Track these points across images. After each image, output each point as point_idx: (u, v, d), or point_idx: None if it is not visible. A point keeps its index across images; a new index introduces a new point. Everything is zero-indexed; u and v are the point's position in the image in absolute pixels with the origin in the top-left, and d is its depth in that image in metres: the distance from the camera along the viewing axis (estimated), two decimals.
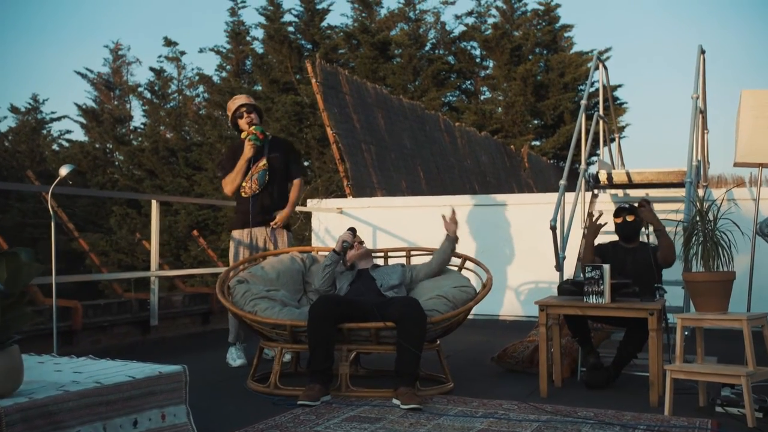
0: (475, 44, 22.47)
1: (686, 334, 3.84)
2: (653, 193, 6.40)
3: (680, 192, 5.66)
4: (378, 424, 3.30)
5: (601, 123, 6.57)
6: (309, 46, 20.31)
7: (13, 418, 2.25)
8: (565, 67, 21.64)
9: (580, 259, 4.98)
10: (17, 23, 37.24)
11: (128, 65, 25.16)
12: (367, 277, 4.27)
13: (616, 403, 3.74)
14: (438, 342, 4.20)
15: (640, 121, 31.85)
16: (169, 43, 22.25)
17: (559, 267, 4.93)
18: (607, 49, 22.41)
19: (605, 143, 6.96)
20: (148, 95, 22.15)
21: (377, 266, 4.45)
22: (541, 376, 3.99)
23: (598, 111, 6.54)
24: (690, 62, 5.74)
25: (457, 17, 25.74)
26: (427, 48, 21.82)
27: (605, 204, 6.32)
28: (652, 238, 4.66)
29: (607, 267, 3.91)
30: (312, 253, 4.86)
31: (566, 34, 23.53)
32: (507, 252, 7.71)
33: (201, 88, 22.33)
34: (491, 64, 22.30)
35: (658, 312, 3.84)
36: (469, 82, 22.89)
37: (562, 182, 5.16)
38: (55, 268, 3.98)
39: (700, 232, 3.74)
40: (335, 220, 8.45)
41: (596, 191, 6.33)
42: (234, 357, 4.92)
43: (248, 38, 21.67)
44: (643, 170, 6.20)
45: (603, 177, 6.18)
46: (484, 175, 14.55)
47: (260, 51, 20.64)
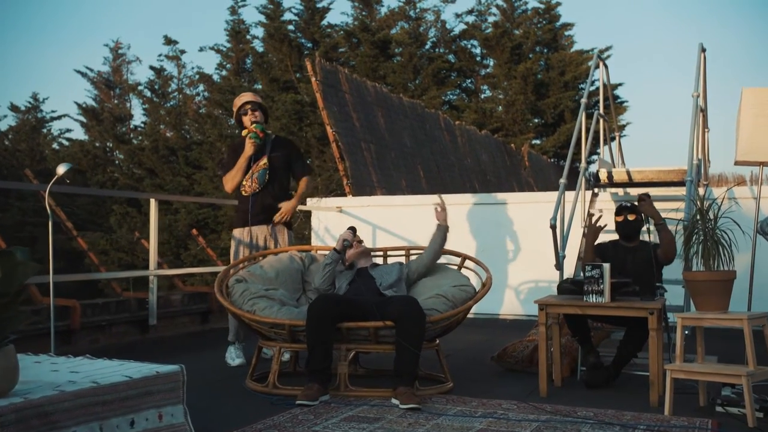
0: (475, 43, 22.45)
1: (686, 333, 3.83)
2: (653, 191, 6.34)
3: (681, 191, 5.64)
4: (377, 424, 3.28)
5: (601, 122, 6.55)
6: (309, 45, 20.29)
7: (8, 419, 2.23)
8: (565, 66, 21.61)
9: (580, 258, 4.96)
10: (17, 22, 37.25)
11: (128, 64, 25.15)
12: (366, 275, 4.26)
13: (616, 402, 3.73)
14: (437, 341, 4.18)
15: (640, 120, 31.89)
16: (169, 41, 22.25)
17: (559, 266, 4.92)
18: (607, 48, 22.37)
19: (605, 142, 6.94)
20: (148, 94, 22.16)
21: (376, 265, 4.43)
22: (541, 375, 3.97)
23: (598, 109, 6.52)
24: (690, 61, 5.73)
25: (457, 16, 25.75)
26: (427, 46, 21.80)
27: (605, 203, 6.31)
28: (653, 235, 4.64)
29: (607, 266, 3.89)
30: (311, 252, 4.84)
31: (567, 33, 23.51)
32: (507, 251, 7.69)
33: (201, 87, 22.36)
34: (491, 63, 22.28)
35: (658, 311, 3.82)
36: (469, 80, 22.86)
37: (562, 181, 5.14)
38: (52, 267, 3.96)
39: (701, 231, 3.72)
40: (335, 218, 8.44)
41: (596, 190, 6.32)
42: (233, 356, 4.90)
43: (248, 37, 21.67)
44: (644, 169, 6.19)
45: (603, 176, 6.17)
46: (484, 174, 14.53)
47: (260, 49, 20.63)
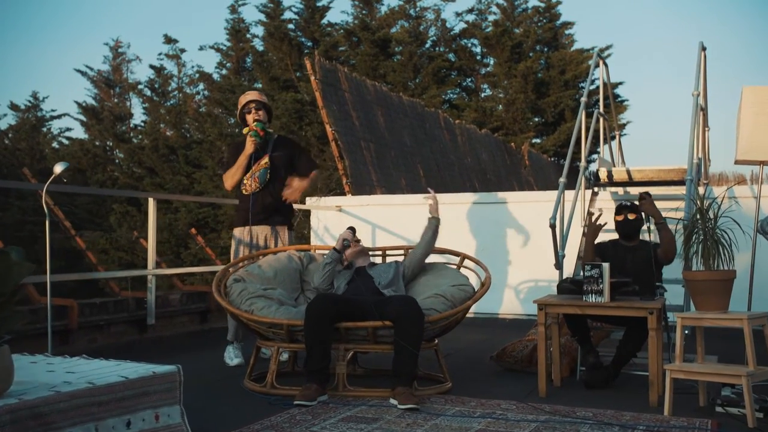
0: (475, 41, 22.44)
1: (686, 333, 3.81)
2: (653, 190, 6.32)
3: (681, 190, 5.63)
4: (375, 424, 3.27)
5: (601, 120, 6.54)
6: (309, 44, 20.27)
7: (2, 420, 2.22)
8: (565, 65, 21.59)
9: (580, 257, 4.95)
10: (18, 21, 37.25)
11: (128, 63, 25.18)
12: (364, 275, 4.25)
13: (616, 403, 3.71)
14: (436, 341, 4.17)
15: (640, 119, 31.86)
16: (169, 40, 22.27)
17: (559, 265, 4.90)
18: (607, 47, 22.34)
19: (606, 141, 6.92)
20: (148, 93, 22.17)
21: (373, 264, 4.42)
22: (540, 375, 3.96)
23: (598, 108, 6.50)
24: (691, 59, 5.70)
25: (457, 14, 25.73)
26: (427, 45, 21.79)
27: (605, 202, 6.30)
28: (653, 235, 4.63)
29: (606, 266, 3.88)
30: (310, 251, 4.83)
31: (567, 32, 23.50)
32: (507, 250, 7.67)
33: (201, 86, 22.36)
34: (492, 62, 22.26)
35: (657, 311, 3.80)
36: (469, 79, 22.85)
37: (562, 180, 5.12)
38: (49, 266, 3.95)
39: (701, 230, 3.71)
40: (334, 218, 8.42)
41: (596, 189, 6.30)
42: (231, 356, 4.89)
43: (248, 36, 21.67)
44: (644, 168, 6.17)
45: (603, 175, 6.15)
46: (484, 173, 14.51)
47: (260, 48, 20.62)
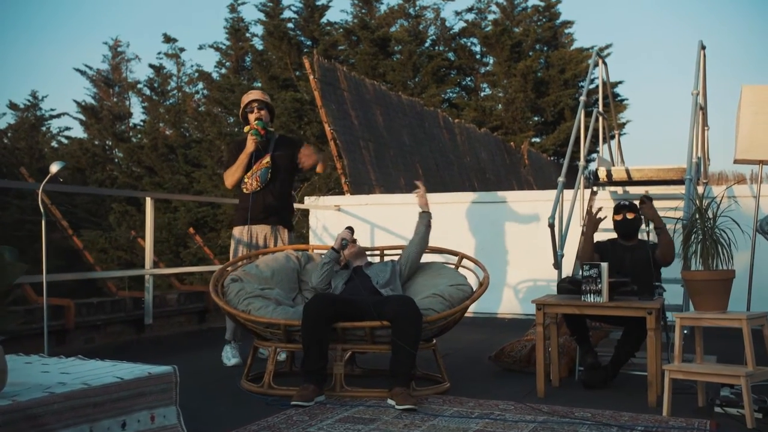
0: (475, 41, 22.42)
1: (685, 333, 3.80)
2: (653, 190, 6.34)
3: (680, 189, 5.61)
4: (372, 425, 3.25)
5: (600, 120, 6.52)
6: (309, 43, 20.25)
7: None
8: (565, 64, 21.56)
9: (578, 257, 4.93)
10: (17, 20, 37.23)
11: (127, 62, 25.19)
12: (362, 275, 4.23)
13: (614, 403, 3.70)
14: (434, 341, 4.15)
15: (640, 118, 31.80)
16: (168, 39, 22.27)
17: (557, 265, 4.89)
18: (607, 46, 22.34)
19: (605, 140, 6.91)
20: (148, 92, 22.16)
21: (370, 264, 4.41)
22: (538, 375, 3.94)
23: (597, 107, 6.48)
24: (690, 58, 5.69)
25: (457, 13, 25.80)
26: (427, 44, 21.77)
27: (604, 201, 6.27)
28: (652, 236, 4.61)
29: (605, 265, 3.86)
30: (307, 251, 4.81)
31: (567, 31, 23.48)
32: (506, 249, 7.66)
33: (200, 85, 22.33)
34: (491, 61, 22.24)
35: (656, 311, 3.79)
36: (469, 78, 22.83)
37: (561, 179, 5.11)
38: (45, 266, 3.93)
39: (700, 230, 3.69)
40: (333, 217, 8.40)
41: (595, 188, 6.28)
42: (229, 356, 4.87)
43: (248, 35, 21.65)
44: (643, 167, 6.15)
45: (602, 174, 6.13)
46: (483, 172, 14.49)
47: (260, 47, 20.59)
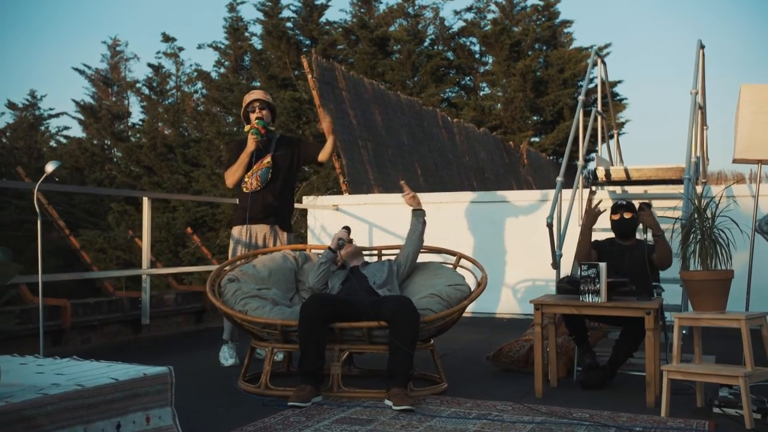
0: (474, 40, 22.39)
1: (684, 333, 3.78)
2: (651, 189, 6.33)
3: (679, 189, 5.59)
4: (369, 426, 3.24)
5: (599, 119, 6.51)
6: (307, 42, 20.22)
7: None
8: (564, 63, 21.54)
9: (577, 256, 4.91)
10: (16, 20, 37.19)
11: (126, 61, 25.15)
12: (359, 275, 4.22)
13: (612, 403, 3.68)
14: (432, 341, 4.13)
15: (639, 117, 31.85)
16: (167, 39, 22.22)
17: (556, 264, 4.87)
18: (606, 45, 22.31)
19: (604, 139, 6.89)
20: (146, 91, 22.12)
21: (366, 263, 4.39)
22: (536, 376, 3.93)
23: (596, 107, 6.47)
24: (689, 58, 5.67)
25: (456, 13, 25.74)
26: (426, 44, 21.74)
27: (603, 201, 6.26)
28: (649, 238, 4.59)
29: (603, 265, 3.84)
30: (304, 251, 4.80)
31: (566, 30, 23.46)
32: (505, 249, 7.64)
33: (199, 85, 22.28)
34: (490, 60, 22.21)
35: (655, 311, 3.77)
36: (468, 78, 22.80)
37: (559, 179, 5.10)
38: (41, 266, 3.91)
39: (698, 229, 3.68)
40: (331, 217, 8.39)
41: (594, 188, 6.27)
42: (226, 356, 4.86)
43: (247, 34, 21.60)
44: (642, 167, 6.13)
45: (601, 173, 6.12)
46: (482, 172, 14.47)
47: (259, 47, 20.55)
